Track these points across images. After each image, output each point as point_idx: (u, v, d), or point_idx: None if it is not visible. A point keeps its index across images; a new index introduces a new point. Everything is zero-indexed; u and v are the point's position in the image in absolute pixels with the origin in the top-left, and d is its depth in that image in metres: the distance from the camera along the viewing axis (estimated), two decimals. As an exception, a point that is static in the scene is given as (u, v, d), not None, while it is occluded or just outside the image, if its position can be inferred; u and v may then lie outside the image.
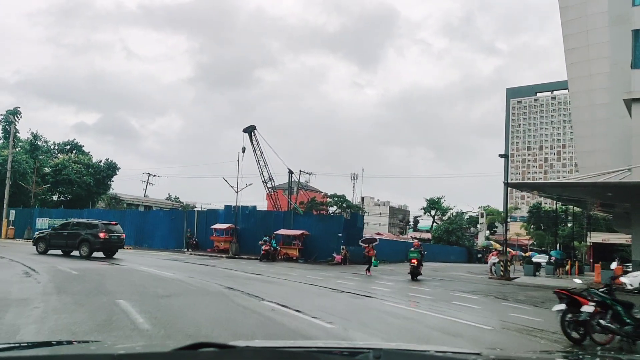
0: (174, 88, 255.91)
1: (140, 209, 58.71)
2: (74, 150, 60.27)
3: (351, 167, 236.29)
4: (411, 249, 22.73)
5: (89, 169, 54.74)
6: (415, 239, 37.16)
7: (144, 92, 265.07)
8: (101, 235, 22.90)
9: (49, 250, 23.90)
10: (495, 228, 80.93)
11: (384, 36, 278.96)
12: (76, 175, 52.61)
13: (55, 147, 61.19)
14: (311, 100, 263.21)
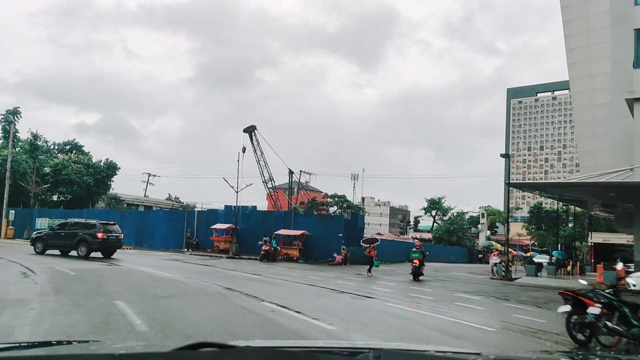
0: (174, 88, 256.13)
1: (140, 209, 58.55)
2: (73, 150, 60.14)
3: (351, 167, 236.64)
4: (413, 249, 22.81)
5: (88, 169, 54.62)
6: (416, 239, 37.04)
7: (144, 92, 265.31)
8: (99, 235, 22.76)
9: (46, 251, 23.77)
10: (496, 228, 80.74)
11: (384, 36, 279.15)
12: (76, 175, 52.49)
13: (55, 147, 61.07)
14: (311, 100, 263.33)
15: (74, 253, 23.21)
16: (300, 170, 62.28)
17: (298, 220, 34.16)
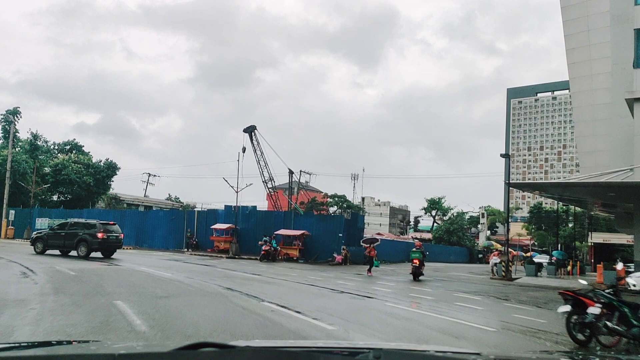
0: (174, 88, 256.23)
1: (140, 209, 58.50)
2: (73, 150, 60.10)
3: (351, 167, 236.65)
4: (413, 249, 22.81)
5: (88, 169, 54.60)
6: (416, 239, 37.03)
7: (144, 92, 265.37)
8: (99, 235, 22.75)
9: (46, 251, 23.76)
10: (496, 228, 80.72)
11: (384, 36, 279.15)
12: (76, 175, 52.47)
13: (55, 147, 61.04)
14: (312, 100, 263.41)
15: (74, 253, 23.20)
16: (300, 170, 62.42)
17: (298, 220, 34.14)
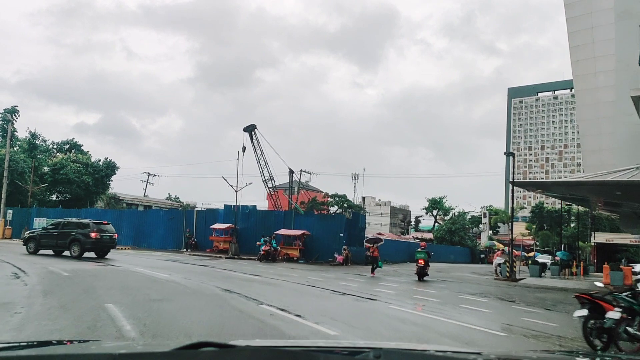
0: (174, 88, 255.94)
1: (139, 208, 58.05)
2: (72, 149, 59.62)
3: (352, 167, 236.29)
4: (418, 250, 22.71)
5: (87, 169, 54.13)
6: (418, 239, 36.62)
7: (145, 92, 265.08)
8: (92, 235, 22.33)
9: (39, 251, 23.33)
10: (498, 228, 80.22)
11: (384, 36, 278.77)
12: (75, 175, 51.99)
13: (54, 147, 60.60)
14: (312, 100, 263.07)
15: (67, 253, 22.77)
16: (301, 170, 62.03)
17: (298, 220, 33.67)
